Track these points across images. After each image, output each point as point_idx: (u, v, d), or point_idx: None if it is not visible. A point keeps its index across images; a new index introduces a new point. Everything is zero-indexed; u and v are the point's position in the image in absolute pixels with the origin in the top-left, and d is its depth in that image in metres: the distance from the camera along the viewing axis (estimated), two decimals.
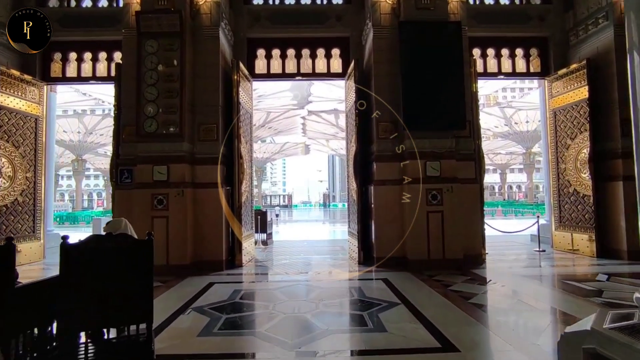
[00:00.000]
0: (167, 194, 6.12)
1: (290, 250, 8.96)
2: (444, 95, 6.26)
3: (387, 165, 6.60)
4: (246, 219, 7.35)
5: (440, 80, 6.27)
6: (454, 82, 6.28)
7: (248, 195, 7.51)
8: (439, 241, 6.18)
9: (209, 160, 6.54)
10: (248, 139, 7.68)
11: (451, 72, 6.30)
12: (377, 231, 6.50)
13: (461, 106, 6.26)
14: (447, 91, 6.27)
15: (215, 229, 6.43)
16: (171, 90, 6.19)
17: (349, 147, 7.83)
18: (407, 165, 6.40)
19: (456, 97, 6.26)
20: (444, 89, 6.27)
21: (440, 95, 6.26)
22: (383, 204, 6.52)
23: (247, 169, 7.47)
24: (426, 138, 6.32)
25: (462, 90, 6.31)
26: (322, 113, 40.63)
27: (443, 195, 6.22)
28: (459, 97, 6.26)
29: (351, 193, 7.56)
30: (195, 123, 6.59)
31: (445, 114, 6.24)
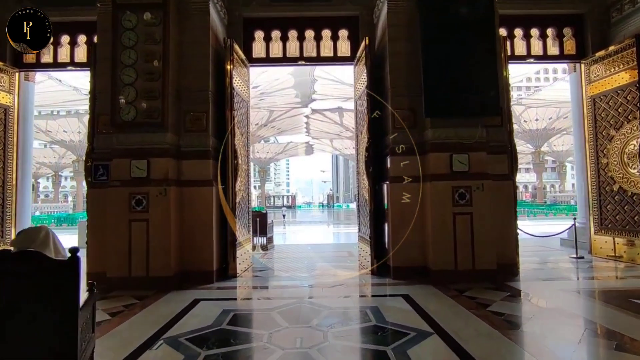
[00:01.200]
0: (147, 193, 5.21)
1: (292, 256, 8.03)
2: (473, 76, 5.30)
3: (405, 160, 5.65)
4: (242, 221, 6.44)
5: (469, 59, 5.32)
6: (486, 60, 5.32)
7: (244, 195, 6.60)
8: (468, 248, 5.22)
9: (197, 154, 5.63)
10: (244, 130, 6.77)
11: (482, 49, 5.34)
12: (393, 236, 5.55)
13: (494, 88, 5.30)
14: (476, 71, 5.32)
15: (205, 234, 5.52)
16: (152, 72, 5.28)
17: (358, 140, 6.89)
18: (429, 159, 5.45)
19: (488, 77, 5.30)
20: (473, 68, 5.32)
21: (468, 75, 5.30)
22: (400, 204, 5.57)
23: (243, 165, 6.56)
24: (451, 127, 5.37)
25: (495, 69, 5.35)
26: (326, 111, 39.81)
27: (472, 194, 5.26)
28: (492, 77, 5.30)
29: (362, 192, 6.62)
30: (181, 111, 5.67)
31: (475, 97, 5.28)
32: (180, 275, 5.38)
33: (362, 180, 6.48)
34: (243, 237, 6.42)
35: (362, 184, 6.50)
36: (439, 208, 5.27)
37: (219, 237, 5.75)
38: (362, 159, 6.45)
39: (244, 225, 6.54)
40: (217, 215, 5.69)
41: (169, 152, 5.36)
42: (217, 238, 5.70)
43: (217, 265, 5.67)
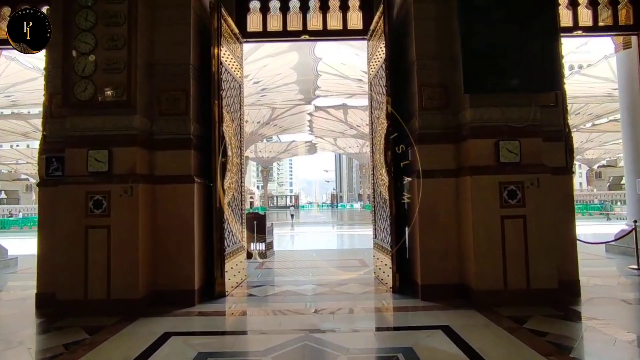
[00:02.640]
0: (109, 192, 4.08)
1: (295, 266, 6.89)
2: (525, 41, 4.14)
3: (437, 149, 4.49)
4: (233, 226, 5.30)
5: (519, 22, 4.15)
6: (541, 21, 4.15)
7: (236, 194, 5.45)
8: (521, 262, 4.05)
9: (174, 142, 4.50)
10: (236, 117, 5.63)
11: (535, 8, 4.17)
12: (421, 245, 4.39)
13: (554, 57, 4.13)
14: (529, 36, 4.15)
15: (184, 243, 4.38)
16: (115, 37, 4.14)
17: (374, 128, 5.73)
18: (467, 147, 4.29)
19: (544, 41, 4.13)
20: (524, 34, 4.15)
21: (519, 40, 4.13)
22: (431, 204, 4.41)
23: (234, 158, 5.42)
24: (497, 106, 4.21)
25: (554, 32, 4.18)
26: (329, 109, 38.68)
27: (525, 191, 4.09)
28: (549, 41, 4.13)
29: (378, 190, 5.46)
30: (155, 89, 4.54)
31: (528, 67, 4.11)
32: (152, 297, 4.25)
33: (379, 176, 5.33)
34: (234, 245, 5.28)
35: (379, 180, 5.34)
36: (482, 209, 4.10)
37: (202, 246, 4.62)
38: (379, 149, 5.29)
39: (236, 230, 5.41)
40: (200, 220, 4.56)
41: (138, 140, 4.22)
42: (201, 248, 4.57)
43: (200, 282, 4.54)
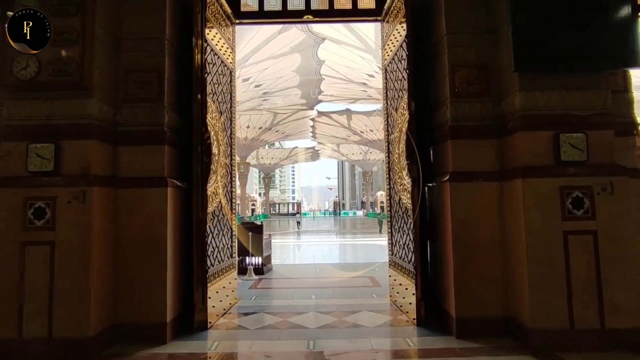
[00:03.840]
0: (55, 197, 3.15)
1: (295, 286, 5.93)
2: (589, 9, 3.22)
3: (474, 145, 3.55)
4: (220, 240, 4.36)
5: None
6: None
7: (223, 201, 4.51)
8: (592, 292, 3.07)
9: (144, 136, 3.58)
10: (226, 108, 4.72)
11: None
12: (457, 267, 3.42)
13: (633, 26, 3.20)
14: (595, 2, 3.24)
15: (153, 263, 3.44)
16: (65, 0, 3.26)
17: (390, 122, 4.80)
18: (516, 141, 3.34)
19: (618, 8, 3.21)
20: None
21: (582, 8, 3.22)
22: (468, 215, 3.46)
23: (222, 158, 4.49)
24: (555, 89, 3.27)
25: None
26: (333, 114, 37.90)
27: (595, 199, 3.14)
28: (626, 8, 3.21)
29: (396, 197, 4.51)
30: (121, 69, 3.63)
31: (599, 38, 3.19)
32: (111, 333, 3.30)
33: (398, 180, 4.38)
34: (222, 263, 4.34)
35: (398, 185, 4.39)
36: (537, 222, 3.14)
37: (178, 266, 3.67)
38: (397, 147, 4.35)
39: (224, 245, 4.46)
40: (175, 233, 3.62)
41: (94, 131, 3.30)
42: (176, 268, 3.62)
43: (175, 311, 3.59)
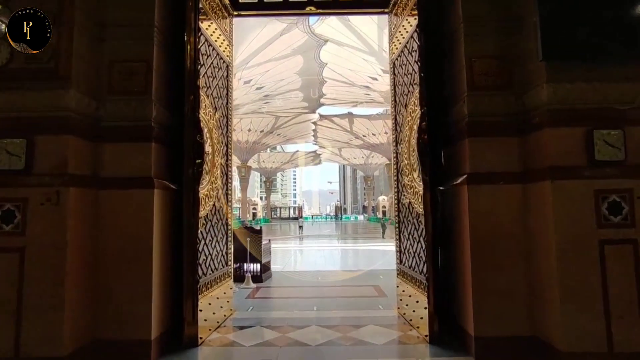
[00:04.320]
0: (26, 199, 2.81)
1: (295, 295, 5.57)
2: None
3: (494, 143, 3.20)
4: (214, 247, 4.01)
5: None
6: None
7: (218, 205, 4.16)
8: (634, 309, 2.70)
9: (129, 132, 3.24)
10: (222, 105, 4.38)
11: None
12: (475, 279, 3.06)
13: None
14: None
15: (138, 272, 3.09)
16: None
17: (399, 120, 4.45)
18: (542, 139, 2.98)
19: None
20: None
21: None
22: (488, 221, 3.10)
23: (217, 157, 4.14)
24: (588, 81, 2.91)
25: None
26: (335, 117, 37.60)
27: (635, 203, 2.78)
28: None
29: (406, 200, 4.15)
30: (104, 59, 3.30)
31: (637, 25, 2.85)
32: (89, 351, 2.94)
33: (408, 182, 4.02)
34: (215, 272, 3.98)
35: (408, 188, 4.03)
36: (568, 230, 2.78)
37: (166, 276, 3.32)
38: (407, 147, 3.99)
39: (218, 252, 4.11)
40: (163, 239, 3.27)
41: (72, 125, 2.96)
42: (164, 278, 3.27)
43: (163, 327, 3.23)
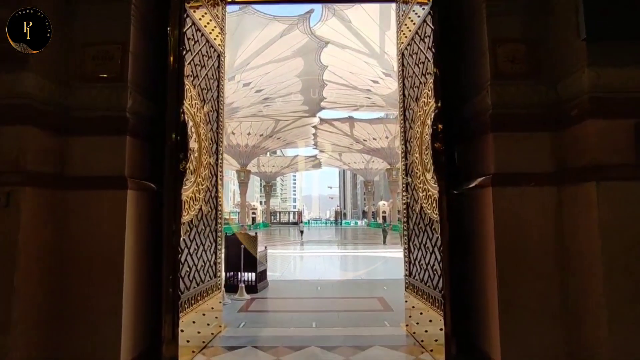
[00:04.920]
0: None
1: (293, 308, 5.09)
2: None
3: (522, 139, 2.76)
4: (200, 256, 3.55)
5: None
6: None
7: (206, 209, 3.71)
8: None
9: (100, 124, 2.80)
10: (211, 98, 3.94)
11: None
12: (502, 296, 2.60)
13: None
14: None
15: (105, 287, 2.64)
16: None
17: (408, 115, 4.01)
18: (583, 133, 2.53)
19: None
20: None
21: None
22: (516, 231, 2.65)
23: (206, 156, 3.70)
24: (639, 64, 2.49)
25: None
26: (335, 122, 37.21)
27: None
28: None
29: (416, 206, 3.69)
30: (73, 39, 2.88)
31: None
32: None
33: (419, 184, 3.57)
34: (201, 285, 3.52)
35: (419, 192, 3.58)
36: (619, 241, 2.33)
37: (142, 290, 2.87)
38: (418, 144, 3.55)
39: (204, 262, 3.65)
40: (138, 248, 2.82)
41: (32, 115, 2.52)
42: (139, 293, 2.82)
43: (136, 348, 2.77)
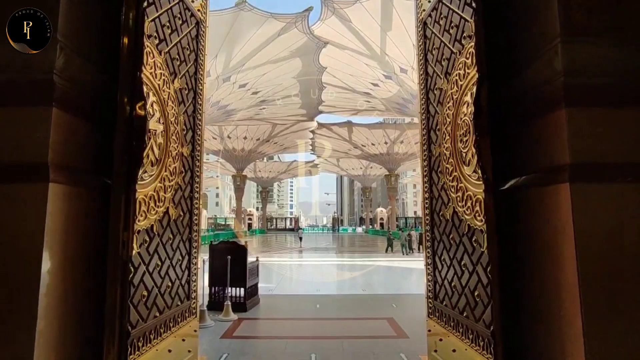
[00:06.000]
0: None
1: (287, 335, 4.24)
2: None
3: (608, 117, 1.97)
4: (165, 275, 2.72)
5: None
6: None
7: (175, 211, 2.87)
8: None
9: (16, 90, 2.01)
10: (187, 71, 3.13)
11: None
12: (590, 339, 1.79)
13: None
14: None
15: (15, 319, 1.81)
16: None
17: (432, 98, 3.21)
18: None
19: None
20: None
21: None
22: (608, 244, 1.85)
23: (176, 144, 2.87)
24: None
25: None
26: (333, 126, 36.54)
27: None
28: None
29: (447, 209, 2.87)
30: None
31: None
32: None
33: (450, 182, 2.76)
34: (166, 312, 2.69)
35: (450, 191, 2.76)
36: None
37: (72, 324, 2.04)
38: (448, 133, 2.74)
39: (171, 283, 2.81)
40: (64, 264, 2.00)
41: None
42: (67, 327, 1.99)
43: None
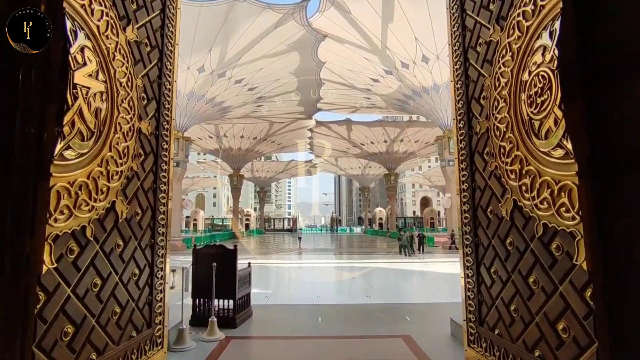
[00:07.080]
0: None
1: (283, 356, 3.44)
2: None
3: None
4: (105, 300, 1.92)
5: None
6: None
7: (128, 209, 2.08)
8: None
9: None
10: (150, 23, 2.34)
11: None
12: None
13: None
14: None
15: None
16: None
17: (476, 56, 2.43)
18: None
19: None
20: None
21: None
22: None
23: (127, 112, 2.07)
24: None
25: None
26: (332, 124, 35.77)
27: None
28: None
29: (503, 204, 2.11)
30: None
31: None
32: None
33: (511, 166, 1.99)
34: (108, 351, 1.89)
35: (508, 178, 1.99)
36: None
37: None
38: (499, 98, 1.98)
39: (120, 308, 2.02)
40: None
41: None
42: None
43: None
